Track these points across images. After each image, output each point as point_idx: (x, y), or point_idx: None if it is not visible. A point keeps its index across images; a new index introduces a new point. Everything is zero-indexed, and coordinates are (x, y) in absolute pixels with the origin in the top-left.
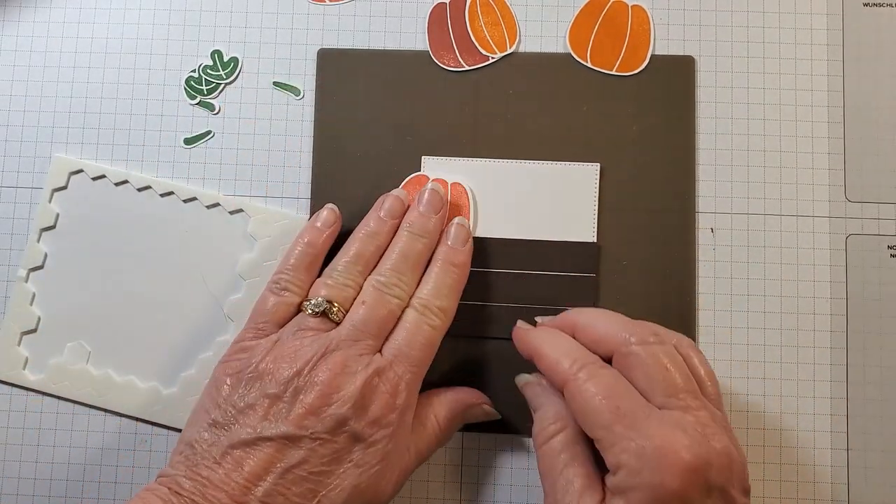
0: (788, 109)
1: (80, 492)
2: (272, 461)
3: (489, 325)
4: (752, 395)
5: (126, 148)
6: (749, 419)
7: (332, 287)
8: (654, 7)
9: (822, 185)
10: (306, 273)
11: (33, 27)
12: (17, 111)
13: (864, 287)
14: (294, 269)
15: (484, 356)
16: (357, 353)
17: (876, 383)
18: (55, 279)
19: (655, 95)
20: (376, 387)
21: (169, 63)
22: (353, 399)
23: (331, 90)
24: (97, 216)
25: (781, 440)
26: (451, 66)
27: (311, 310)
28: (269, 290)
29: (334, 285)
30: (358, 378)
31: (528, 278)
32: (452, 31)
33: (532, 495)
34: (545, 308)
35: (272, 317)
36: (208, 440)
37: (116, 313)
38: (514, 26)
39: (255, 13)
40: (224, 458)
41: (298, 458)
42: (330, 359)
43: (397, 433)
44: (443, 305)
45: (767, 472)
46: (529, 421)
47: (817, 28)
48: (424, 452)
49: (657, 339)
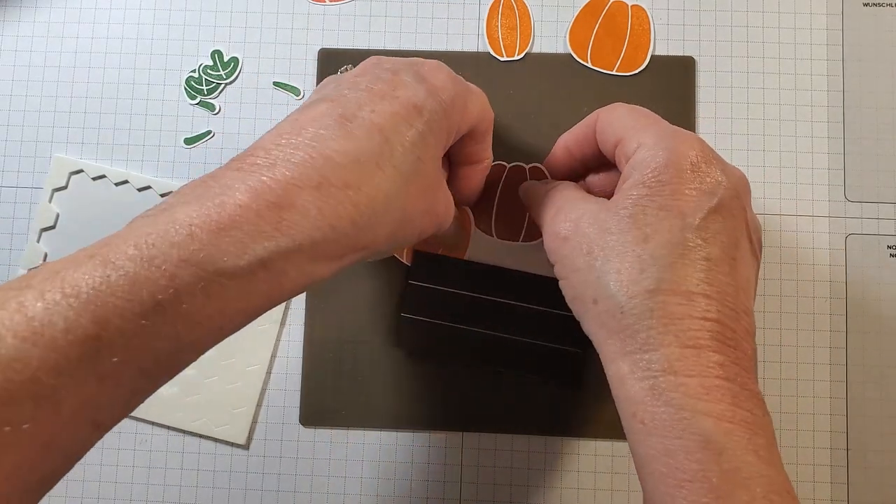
0: (788, 109)
1: (81, 492)
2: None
3: (478, 351)
4: None
5: (126, 148)
6: None
7: None
8: (654, 7)
9: (821, 185)
10: None
11: (33, 27)
12: (17, 111)
13: (864, 287)
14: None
15: (474, 381)
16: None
17: (876, 383)
18: None
19: (655, 96)
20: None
21: (169, 63)
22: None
23: None
24: (97, 216)
25: (781, 440)
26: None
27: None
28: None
29: None
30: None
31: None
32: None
33: (532, 495)
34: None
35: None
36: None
37: None
38: (529, 34)
39: (255, 13)
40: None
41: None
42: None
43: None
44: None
45: None
46: (529, 419)
47: (817, 28)
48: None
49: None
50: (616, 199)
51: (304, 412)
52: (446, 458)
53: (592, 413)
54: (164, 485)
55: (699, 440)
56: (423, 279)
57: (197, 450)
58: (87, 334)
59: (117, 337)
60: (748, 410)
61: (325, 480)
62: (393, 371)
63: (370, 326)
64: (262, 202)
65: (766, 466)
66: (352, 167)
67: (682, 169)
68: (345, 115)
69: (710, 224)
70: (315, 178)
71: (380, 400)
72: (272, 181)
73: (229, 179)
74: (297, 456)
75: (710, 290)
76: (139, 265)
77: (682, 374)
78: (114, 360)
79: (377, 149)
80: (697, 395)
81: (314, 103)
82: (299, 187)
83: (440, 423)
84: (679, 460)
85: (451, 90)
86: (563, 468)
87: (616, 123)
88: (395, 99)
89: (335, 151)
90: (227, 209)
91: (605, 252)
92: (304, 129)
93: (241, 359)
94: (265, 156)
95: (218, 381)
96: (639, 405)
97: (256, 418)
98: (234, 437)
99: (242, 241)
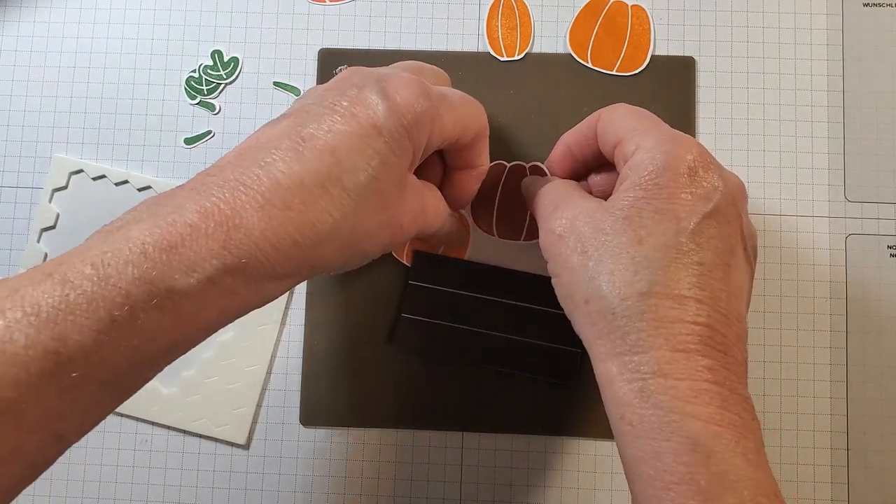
0: (788, 109)
1: (81, 492)
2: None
3: (478, 351)
4: (752, 395)
5: (126, 148)
6: None
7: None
8: (654, 7)
9: (821, 185)
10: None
11: (33, 27)
12: (18, 111)
13: (864, 287)
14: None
15: (474, 381)
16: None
17: (876, 383)
18: None
19: (655, 96)
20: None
21: (169, 63)
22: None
23: None
24: (98, 216)
25: (781, 440)
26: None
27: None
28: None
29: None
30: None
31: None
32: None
33: (532, 495)
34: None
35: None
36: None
37: None
38: (529, 35)
39: (255, 13)
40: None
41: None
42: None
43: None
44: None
45: None
46: (529, 419)
47: (817, 28)
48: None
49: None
50: (613, 199)
51: (304, 412)
52: (446, 458)
53: (592, 413)
54: (164, 485)
55: (687, 443)
56: (423, 279)
57: (197, 450)
58: (47, 350)
59: (76, 352)
60: (736, 414)
61: (325, 480)
62: (393, 371)
63: (370, 326)
64: (210, 222)
65: (755, 469)
66: (296, 190)
67: (678, 173)
68: (300, 136)
69: (705, 229)
70: (259, 200)
71: (380, 400)
72: (222, 202)
73: (182, 199)
74: (297, 456)
75: (701, 294)
76: (96, 284)
77: (671, 377)
78: (74, 374)
79: (325, 171)
80: (686, 398)
81: (280, 119)
82: (245, 209)
83: (440, 423)
84: (667, 463)
85: (416, 108)
86: (563, 468)
87: (616, 124)
88: (354, 118)
89: (282, 173)
90: (178, 228)
91: (598, 252)
92: (261, 148)
93: (241, 359)
94: (219, 174)
95: (218, 381)
96: (627, 407)
97: (256, 418)
98: (234, 437)
99: (192, 260)
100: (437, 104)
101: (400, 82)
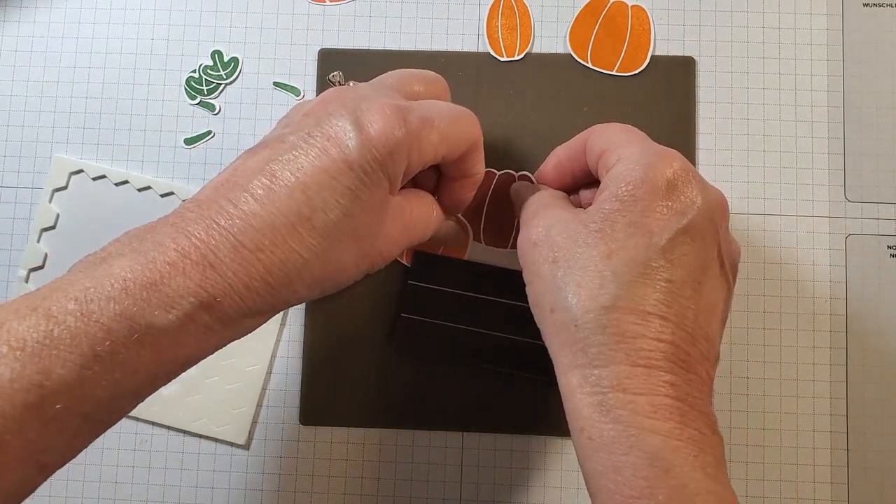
0: (788, 109)
1: (81, 492)
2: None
3: (478, 351)
4: (753, 395)
5: (126, 148)
6: (749, 419)
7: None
8: (654, 7)
9: (821, 185)
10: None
11: (33, 27)
12: (17, 111)
13: (864, 287)
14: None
15: (474, 381)
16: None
17: (876, 383)
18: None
19: (655, 96)
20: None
21: (169, 63)
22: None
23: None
24: (98, 216)
25: (781, 440)
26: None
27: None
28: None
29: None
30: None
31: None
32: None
33: (532, 495)
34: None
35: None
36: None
37: None
38: (529, 35)
39: (255, 13)
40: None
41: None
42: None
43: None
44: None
45: (767, 473)
46: (529, 419)
47: (817, 28)
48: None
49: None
50: (589, 210)
51: (303, 412)
52: (446, 458)
53: None
54: (164, 485)
55: (646, 457)
56: (423, 279)
57: (197, 450)
58: (31, 383)
59: (60, 385)
60: (696, 429)
61: (325, 480)
62: (393, 371)
63: (370, 326)
64: (187, 262)
65: (714, 483)
66: (266, 231)
67: (656, 186)
68: (273, 173)
69: (678, 245)
70: (232, 241)
71: (380, 400)
72: (198, 240)
73: (161, 235)
74: (297, 456)
75: (667, 311)
76: (79, 319)
77: (630, 391)
78: (57, 406)
79: (296, 209)
80: (645, 412)
81: (259, 148)
82: (219, 248)
83: (440, 423)
84: (626, 477)
85: (391, 139)
86: (562, 468)
87: (604, 137)
88: (325, 154)
89: (253, 214)
90: (158, 265)
91: (568, 263)
92: (237, 185)
93: (241, 359)
94: (197, 210)
95: (218, 381)
96: (586, 420)
97: (256, 418)
98: (234, 437)
99: (170, 297)
100: (415, 130)
101: (376, 112)
